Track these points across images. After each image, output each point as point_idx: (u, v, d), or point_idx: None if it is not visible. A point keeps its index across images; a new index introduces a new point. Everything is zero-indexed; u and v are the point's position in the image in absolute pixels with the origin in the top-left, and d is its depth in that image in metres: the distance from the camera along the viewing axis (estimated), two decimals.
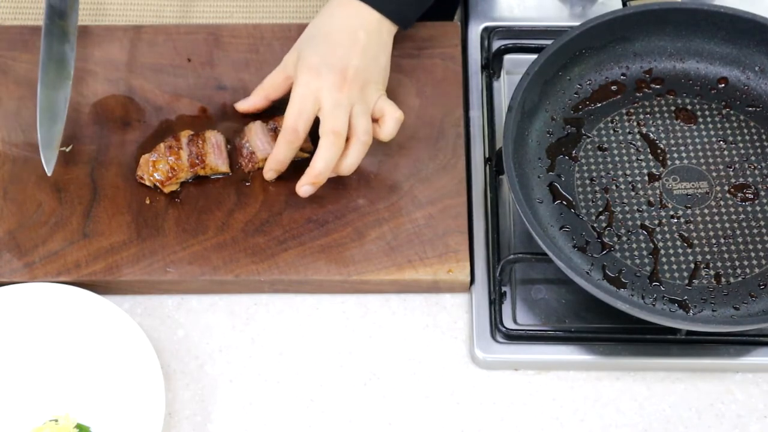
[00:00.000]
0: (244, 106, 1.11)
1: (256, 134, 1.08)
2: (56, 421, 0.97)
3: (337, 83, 1.02)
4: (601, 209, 1.05)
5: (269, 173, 1.07)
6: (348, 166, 1.04)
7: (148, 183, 1.07)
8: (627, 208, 1.05)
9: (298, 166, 1.08)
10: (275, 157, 1.05)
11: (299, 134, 1.04)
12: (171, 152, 1.07)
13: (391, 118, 1.05)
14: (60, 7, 1.12)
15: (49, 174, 1.05)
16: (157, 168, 1.06)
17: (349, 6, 1.06)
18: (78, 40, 1.16)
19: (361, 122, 1.03)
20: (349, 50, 1.04)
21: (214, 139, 1.08)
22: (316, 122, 1.04)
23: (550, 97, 1.09)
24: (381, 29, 1.07)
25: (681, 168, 1.07)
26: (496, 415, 1.01)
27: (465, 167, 1.10)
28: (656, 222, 1.04)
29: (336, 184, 1.08)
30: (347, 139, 1.03)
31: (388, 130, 1.06)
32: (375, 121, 1.06)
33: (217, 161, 1.08)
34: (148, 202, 1.08)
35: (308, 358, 1.03)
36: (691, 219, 1.04)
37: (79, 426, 0.97)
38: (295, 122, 1.03)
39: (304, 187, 1.04)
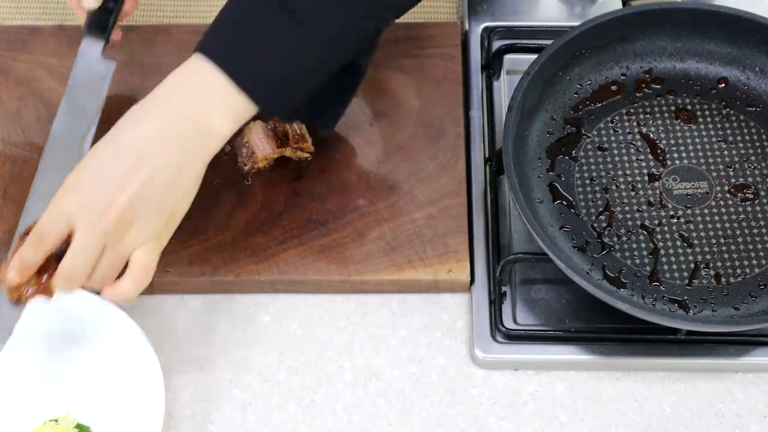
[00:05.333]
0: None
1: (256, 134, 1.08)
2: (56, 421, 0.97)
3: (92, 223, 0.87)
4: (601, 209, 1.05)
5: (11, 273, 0.91)
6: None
7: None
8: (627, 208, 1.05)
9: (297, 166, 1.08)
10: (20, 256, 0.91)
11: (44, 247, 0.90)
12: None
13: (129, 280, 0.90)
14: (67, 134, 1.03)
15: None
16: None
17: (176, 101, 0.91)
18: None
19: (99, 272, 0.90)
20: (126, 181, 0.88)
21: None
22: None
23: (550, 97, 1.09)
24: (200, 139, 0.90)
25: (681, 168, 1.07)
26: (496, 415, 1.01)
27: (465, 167, 1.10)
28: (656, 222, 1.04)
29: (336, 184, 1.08)
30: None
31: (118, 292, 0.91)
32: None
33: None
34: None
35: (308, 358, 1.03)
36: (691, 219, 1.04)
37: (79, 426, 0.97)
38: (39, 236, 0.89)
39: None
